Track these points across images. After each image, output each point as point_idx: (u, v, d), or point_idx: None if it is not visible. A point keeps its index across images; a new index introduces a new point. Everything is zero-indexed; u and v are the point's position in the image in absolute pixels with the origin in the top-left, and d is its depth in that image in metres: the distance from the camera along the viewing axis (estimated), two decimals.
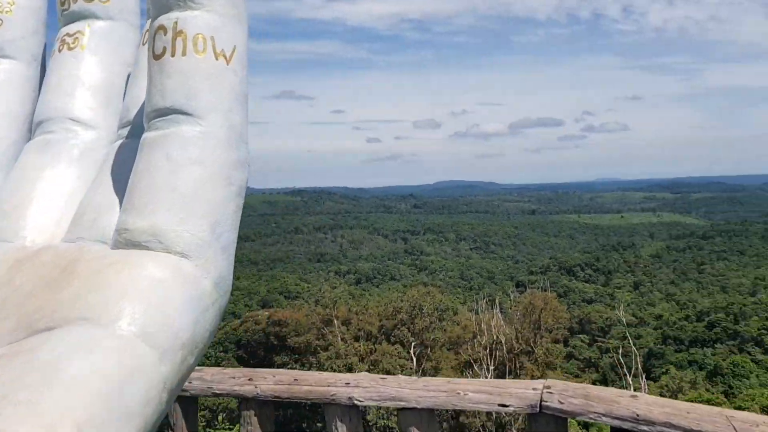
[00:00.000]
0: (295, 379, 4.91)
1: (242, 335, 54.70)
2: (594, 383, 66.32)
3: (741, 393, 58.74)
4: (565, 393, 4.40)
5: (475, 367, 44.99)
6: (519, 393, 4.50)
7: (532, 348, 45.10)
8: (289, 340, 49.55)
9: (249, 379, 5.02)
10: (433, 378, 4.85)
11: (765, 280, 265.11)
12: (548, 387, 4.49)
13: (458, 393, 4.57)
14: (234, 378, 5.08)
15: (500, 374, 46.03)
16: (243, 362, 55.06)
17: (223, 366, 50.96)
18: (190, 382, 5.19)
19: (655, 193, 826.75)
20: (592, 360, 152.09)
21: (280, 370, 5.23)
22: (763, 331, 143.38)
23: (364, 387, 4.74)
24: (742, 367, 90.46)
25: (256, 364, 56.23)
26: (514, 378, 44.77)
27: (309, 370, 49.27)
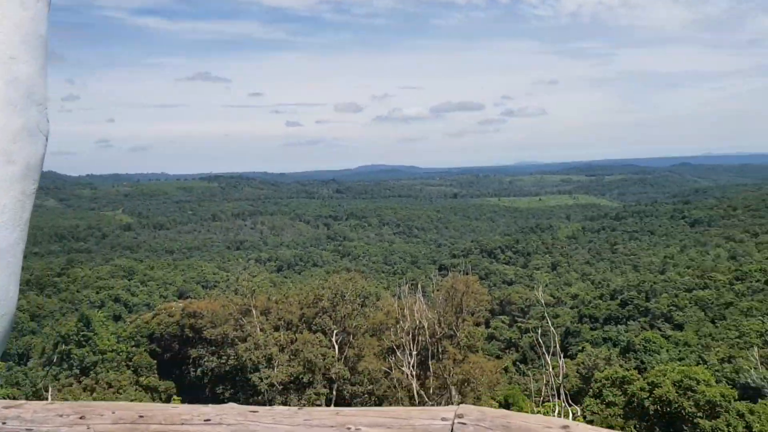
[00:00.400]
0: (140, 416, 3.78)
1: (155, 328, 52.40)
2: (515, 363, 67.14)
3: (653, 368, 60.76)
4: (481, 424, 3.45)
5: (398, 353, 44.45)
6: (424, 425, 3.53)
7: (454, 332, 44.91)
8: (205, 332, 47.69)
9: (81, 417, 3.86)
10: (318, 409, 3.78)
11: (673, 259, 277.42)
12: (461, 416, 3.53)
13: (349, 428, 3.56)
14: (62, 416, 3.91)
15: (423, 359, 45.70)
16: (156, 356, 52.83)
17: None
18: (4, 423, 4.00)
19: (572, 175, 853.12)
20: (513, 340, 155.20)
21: (121, 403, 4.06)
22: (672, 307, 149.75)
23: (228, 424, 3.66)
24: (653, 342, 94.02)
25: (171, 358, 54.07)
26: (436, 362, 44.56)
27: (226, 362, 47.56)
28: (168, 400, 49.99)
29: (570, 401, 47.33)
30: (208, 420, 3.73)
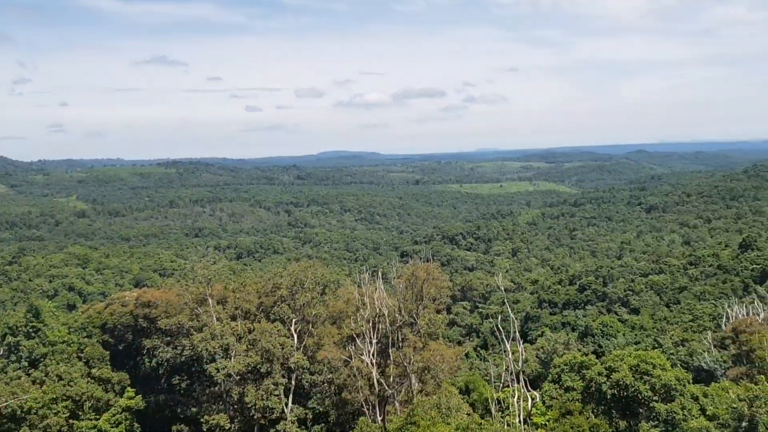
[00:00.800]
0: None
1: (107, 318, 50.82)
2: (476, 349, 67.29)
3: (610, 352, 61.46)
4: None
5: (358, 342, 43.92)
6: None
7: (414, 319, 44.54)
8: (159, 322, 46.39)
9: None
10: None
11: (630, 244, 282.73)
12: None
13: None
14: None
15: (383, 347, 45.20)
16: (109, 347, 51.28)
17: (86, 352, 46.79)
18: None
19: (532, 162, 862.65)
20: (474, 326, 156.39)
21: None
22: (628, 292, 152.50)
23: None
24: (610, 326, 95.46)
25: (125, 349, 52.62)
26: (396, 350, 44.16)
27: (182, 353, 46.38)
28: (122, 393, 48.72)
29: (529, 386, 47.53)
30: None
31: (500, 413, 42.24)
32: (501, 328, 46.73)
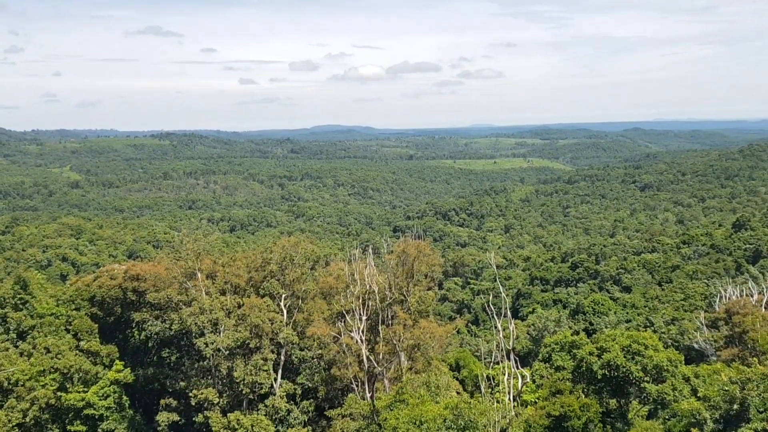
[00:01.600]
0: None
1: (96, 291, 50.20)
2: (467, 325, 67.08)
3: (601, 330, 61.32)
4: None
5: (348, 318, 43.58)
6: None
7: (405, 297, 44.17)
8: (148, 295, 45.85)
9: None
10: None
11: (623, 222, 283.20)
12: None
13: None
14: None
15: (373, 324, 44.89)
16: (98, 320, 50.77)
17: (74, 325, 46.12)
18: None
19: (526, 139, 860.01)
20: (465, 302, 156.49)
21: None
22: (620, 270, 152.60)
23: None
24: (602, 304, 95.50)
25: (114, 322, 52.14)
26: (386, 327, 43.83)
27: (170, 327, 45.97)
28: (110, 365, 48.31)
29: (520, 363, 47.37)
30: None
31: (490, 390, 42.09)
32: (491, 308, 46.46)
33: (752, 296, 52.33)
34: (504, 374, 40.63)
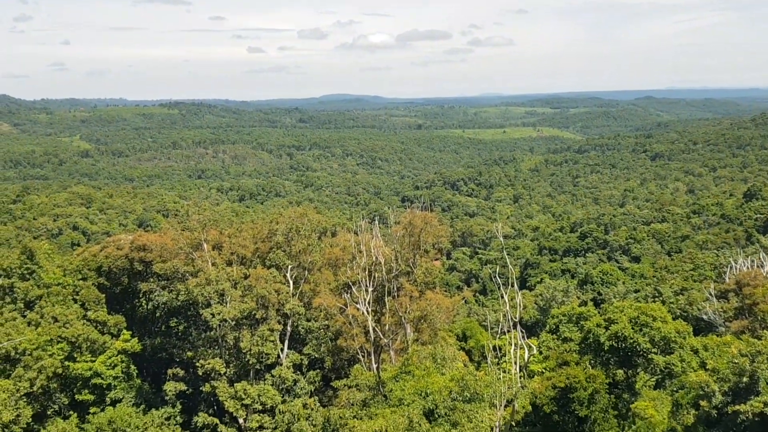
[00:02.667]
0: None
1: (103, 261, 50.21)
2: (474, 295, 67.06)
3: (611, 303, 61.02)
4: None
5: (354, 289, 43.41)
6: None
7: (411, 268, 43.88)
8: (154, 266, 45.79)
9: None
10: None
11: (633, 192, 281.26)
12: None
13: None
14: None
15: (379, 296, 44.73)
16: (105, 290, 50.86)
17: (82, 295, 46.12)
18: None
19: (536, 108, 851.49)
20: (473, 272, 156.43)
21: None
22: (630, 240, 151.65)
23: None
24: (610, 274, 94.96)
25: (121, 292, 52.24)
26: (392, 299, 43.67)
27: (177, 297, 45.92)
28: (118, 335, 48.48)
29: (527, 333, 47.21)
30: None
31: (497, 360, 41.97)
32: (498, 280, 46.08)
33: (763, 267, 51.74)
34: (511, 345, 40.44)
